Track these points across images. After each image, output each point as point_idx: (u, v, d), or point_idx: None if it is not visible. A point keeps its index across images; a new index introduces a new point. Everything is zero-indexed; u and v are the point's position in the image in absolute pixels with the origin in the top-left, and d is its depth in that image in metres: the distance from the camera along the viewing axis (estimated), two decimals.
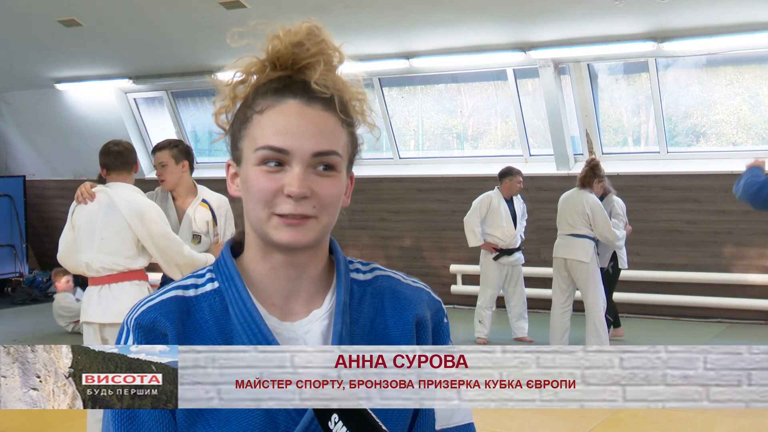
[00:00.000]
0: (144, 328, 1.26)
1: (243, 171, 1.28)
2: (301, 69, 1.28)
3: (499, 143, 10.63)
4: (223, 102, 1.31)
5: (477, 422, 1.41)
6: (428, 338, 1.35)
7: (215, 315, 1.28)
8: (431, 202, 10.44)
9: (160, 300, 1.29)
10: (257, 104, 1.27)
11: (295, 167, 1.24)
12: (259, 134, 1.25)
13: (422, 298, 1.38)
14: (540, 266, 9.93)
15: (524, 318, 8.51)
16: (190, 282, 1.32)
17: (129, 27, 9.56)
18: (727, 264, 9.12)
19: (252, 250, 1.32)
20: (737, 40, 8.44)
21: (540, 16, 8.51)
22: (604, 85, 9.77)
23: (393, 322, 1.34)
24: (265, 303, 1.30)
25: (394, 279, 1.39)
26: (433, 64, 9.81)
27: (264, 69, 1.29)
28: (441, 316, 1.39)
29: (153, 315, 1.27)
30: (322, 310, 1.32)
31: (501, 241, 8.29)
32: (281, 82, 1.27)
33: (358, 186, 4.69)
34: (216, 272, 1.33)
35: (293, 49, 1.27)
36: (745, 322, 9.09)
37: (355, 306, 1.34)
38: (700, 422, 5.92)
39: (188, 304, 1.29)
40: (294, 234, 1.24)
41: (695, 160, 9.06)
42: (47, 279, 12.48)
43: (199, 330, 1.27)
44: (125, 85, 11.47)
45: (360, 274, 1.38)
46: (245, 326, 1.26)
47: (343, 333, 1.28)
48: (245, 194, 1.28)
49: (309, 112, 1.25)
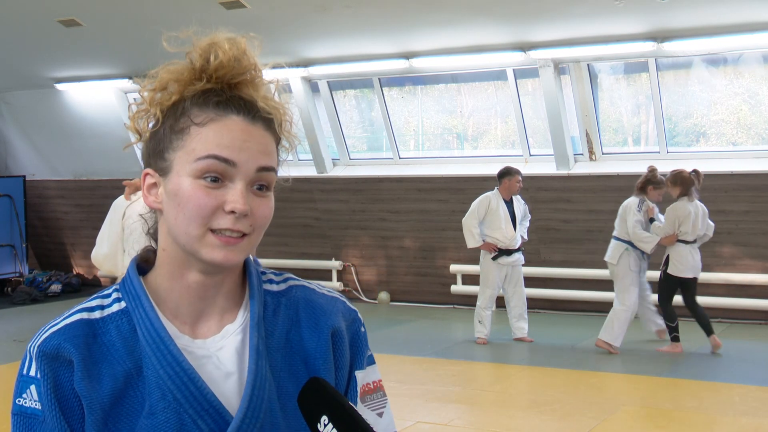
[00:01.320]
0: (48, 355, 1.21)
1: (172, 183, 1.22)
2: (236, 84, 1.24)
3: (499, 143, 10.63)
4: (143, 107, 1.26)
5: (477, 422, 1.41)
6: (345, 349, 1.32)
7: (123, 337, 1.24)
8: (431, 202, 10.44)
9: (64, 324, 1.24)
10: (195, 116, 1.22)
11: (238, 183, 1.20)
12: (199, 146, 1.20)
13: (337, 308, 1.34)
14: (540, 266, 9.94)
15: (524, 318, 8.51)
16: (95, 303, 1.27)
17: (129, 27, 9.56)
18: (727, 264, 9.12)
19: (166, 267, 1.26)
20: (737, 40, 8.44)
21: (540, 16, 8.52)
22: (604, 85, 9.78)
23: (308, 333, 1.31)
24: (175, 321, 1.26)
25: (308, 289, 1.36)
26: (433, 64, 9.81)
27: (195, 78, 1.24)
28: (358, 326, 1.36)
29: (57, 341, 1.22)
30: (235, 325, 1.28)
31: (500, 242, 8.29)
32: (221, 96, 1.23)
33: (357, 186, 4.75)
34: (122, 291, 1.28)
35: (233, 63, 1.23)
36: (745, 322, 9.09)
37: (270, 318, 1.30)
38: (700, 422, 5.92)
39: (94, 326, 1.24)
40: (227, 254, 1.21)
41: (695, 160, 9.06)
42: (47, 279, 12.50)
43: (106, 354, 1.22)
44: (125, 85, 11.47)
45: (273, 284, 1.34)
46: (154, 347, 1.21)
47: (259, 347, 1.25)
48: (173, 208, 1.22)
49: (252, 130, 1.22)
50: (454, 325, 9.67)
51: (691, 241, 7.64)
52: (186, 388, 1.21)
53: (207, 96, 1.23)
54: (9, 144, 13.18)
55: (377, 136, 11.07)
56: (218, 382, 1.24)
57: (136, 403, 1.22)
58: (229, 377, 1.25)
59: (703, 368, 7.36)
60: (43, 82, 11.71)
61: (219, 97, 1.23)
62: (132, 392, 1.22)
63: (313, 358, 1.30)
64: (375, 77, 10.31)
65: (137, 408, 1.22)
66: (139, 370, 1.23)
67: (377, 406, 1.35)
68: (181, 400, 1.20)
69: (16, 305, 11.53)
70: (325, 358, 1.30)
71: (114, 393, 1.21)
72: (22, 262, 12.64)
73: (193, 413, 1.21)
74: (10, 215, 12.55)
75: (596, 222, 9.69)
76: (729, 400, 6.44)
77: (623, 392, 6.71)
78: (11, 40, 10.30)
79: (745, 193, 8.94)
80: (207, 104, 1.23)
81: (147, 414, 1.21)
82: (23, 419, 1.23)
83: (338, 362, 1.32)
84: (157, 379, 1.21)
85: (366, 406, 1.34)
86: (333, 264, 11.04)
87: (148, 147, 1.27)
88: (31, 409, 1.22)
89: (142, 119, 1.27)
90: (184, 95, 1.24)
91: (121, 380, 1.22)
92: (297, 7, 8.62)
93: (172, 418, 1.21)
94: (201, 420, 1.21)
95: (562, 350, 8.19)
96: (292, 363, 1.29)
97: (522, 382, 7.29)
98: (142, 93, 1.27)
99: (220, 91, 1.24)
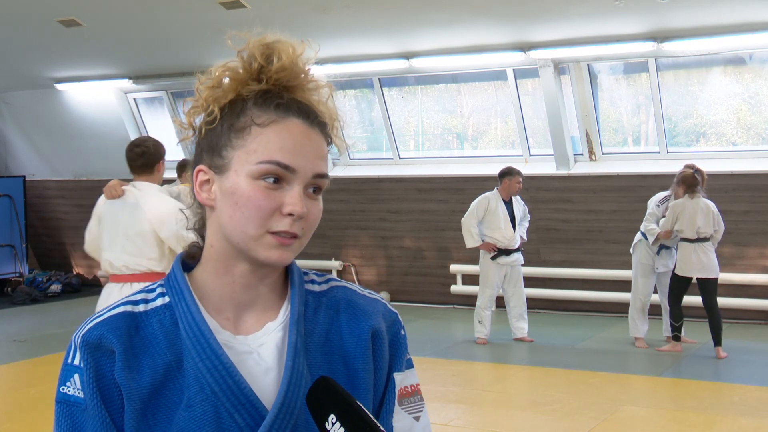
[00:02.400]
0: (90, 345, 1.24)
1: (230, 181, 1.24)
2: (292, 88, 1.27)
3: (499, 143, 10.63)
4: (199, 102, 1.27)
5: (477, 422, 1.41)
6: (384, 350, 1.33)
7: (165, 330, 1.26)
8: (431, 202, 10.44)
9: (108, 316, 1.27)
10: (257, 116, 1.24)
11: (296, 187, 1.23)
12: (262, 147, 1.22)
13: (378, 310, 1.35)
14: (540, 266, 9.94)
15: (524, 318, 8.51)
16: (140, 297, 1.30)
17: (129, 27, 9.56)
18: (727, 264, 9.12)
19: (212, 263, 1.29)
20: (737, 40, 8.44)
21: (540, 16, 8.52)
22: (604, 85, 9.78)
23: (348, 333, 1.32)
24: (218, 317, 1.28)
25: (349, 290, 1.37)
26: (433, 64, 9.81)
27: (256, 79, 1.25)
28: (398, 328, 1.37)
29: (100, 331, 1.25)
30: (276, 322, 1.30)
31: (499, 242, 8.29)
32: (281, 98, 1.25)
33: (357, 186, 4.75)
34: (167, 286, 1.30)
35: (294, 66, 1.26)
36: (745, 322, 9.09)
37: (310, 317, 1.32)
38: (700, 422, 5.92)
39: (137, 319, 1.27)
40: (282, 254, 1.23)
41: (695, 160, 9.06)
42: (47, 279, 12.49)
43: (148, 346, 1.25)
44: (125, 85, 11.48)
45: (315, 285, 1.36)
46: (194, 341, 1.24)
47: (297, 344, 1.26)
48: (229, 206, 1.24)
49: (312, 134, 1.26)
50: (454, 325, 9.67)
51: (693, 239, 7.60)
52: (224, 381, 1.22)
53: (268, 97, 1.25)
54: (9, 144, 13.18)
55: (377, 136, 11.07)
56: (257, 378, 1.25)
57: (174, 395, 1.24)
58: (268, 373, 1.26)
59: (703, 368, 7.36)
60: (43, 82, 11.72)
61: (280, 100, 1.25)
62: (171, 385, 1.24)
63: (353, 358, 1.31)
64: (375, 77, 10.31)
65: (176, 400, 1.24)
66: (180, 363, 1.25)
67: (415, 409, 1.36)
68: (219, 393, 1.22)
69: (16, 305, 11.53)
70: (365, 358, 1.31)
71: (153, 385, 1.24)
72: (22, 262, 12.64)
73: (229, 406, 1.22)
74: (10, 215, 12.55)
75: (596, 222, 9.69)
76: (729, 400, 6.44)
77: (623, 392, 6.70)
78: (11, 40, 10.30)
79: (745, 193, 8.94)
80: (268, 105, 1.24)
81: (185, 406, 1.23)
82: (66, 407, 1.25)
83: (377, 363, 1.33)
84: (196, 371, 1.23)
85: (403, 409, 1.35)
86: (333, 264, 11.05)
87: (203, 143, 1.28)
88: (74, 397, 1.24)
89: (197, 115, 1.28)
90: (241, 94, 1.26)
91: (161, 372, 1.24)
92: (297, 7, 8.62)
93: (209, 411, 1.22)
94: (237, 413, 1.22)
95: (562, 350, 8.19)
96: (331, 362, 1.30)
97: (522, 382, 7.30)
98: (199, 88, 1.27)
99: (279, 93, 1.26)
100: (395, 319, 1.37)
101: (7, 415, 6.21)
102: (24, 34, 10.05)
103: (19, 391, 6.95)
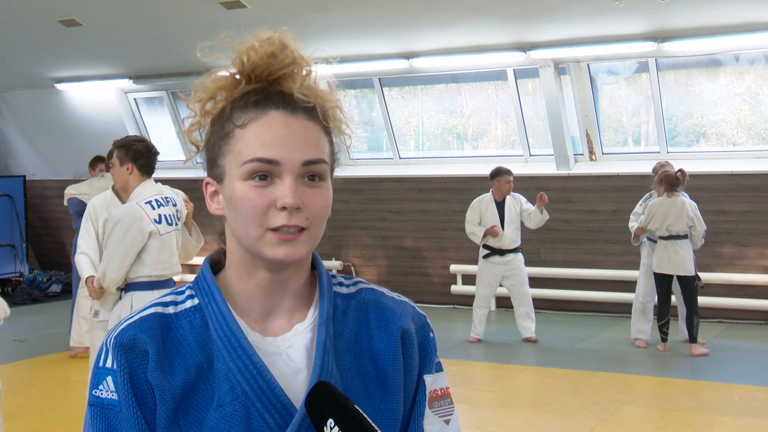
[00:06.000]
0: (124, 346, 1.24)
1: (227, 188, 1.25)
2: (276, 80, 1.26)
3: (499, 143, 10.63)
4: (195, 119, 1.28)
5: (477, 422, 1.42)
6: (414, 352, 1.33)
7: (195, 332, 1.27)
8: (431, 202, 10.44)
9: (139, 317, 1.27)
10: (237, 118, 1.24)
11: (286, 179, 1.22)
12: (244, 148, 1.22)
13: (407, 312, 1.36)
14: (540, 266, 9.93)
15: (531, 318, 8.49)
16: (169, 299, 1.30)
17: (129, 27, 9.56)
18: (727, 264, 9.12)
19: (234, 269, 1.29)
20: (737, 40, 8.44)
21: (540, 16, 8.52)
22: (604, 85, 9.77)
23: (378, 334, 1.32)
24: (246, 319, 1.28)
25: (378, 292, 1.37)
26: (433, 64, 9.81)
27: (238, 82, 1.26)
28: (427, 331, 1.37)
29: (133, 332, 1.25)
30: (305, 324, 1.30)
31: (491, 242, 8.33)
32: (260, 94, 1.24)
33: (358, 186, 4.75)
34: (196, 289, 1.31)
35: (268, 60, 1.24)
36: (745, 322, 9.09)
37: (339, 318, 1.32)
38: (700, 422, 5.92)
39: (168, 321, 1.27)
40: (287, 250, 1.22)
41: (695, 160, 9.07)
42: (47, 279, 12.49)
43: (179, 347, 1.25)
44: (125, 85, 11.48)
45: (343, 287, 1.36)
46: (225, 341, 1.24)
47: (327, 344, 1.26)
48: (231, 212, 1.25)
49: (293, 123, 1.24)
50: (454, 325, 9.66)
51: (665, 236, 7.60)
52: (254, 381, 1.22)
53: (247, 96, 1.25)
54: (9, 144, 13.18)
55: (377, 136, 11.07)
56: (288, 378, 1.25)
57: (206, 395, 1.24)
58: (298, 373, 1.26)
59: (703, 368, 7.36)
60: (43, 82, 11.72)
61: (258, 96, 1.25)
62: (202, 385, 1.24)
63: (383, 359, 1.31)
64: (375, 77, 10.31)
65: (207, 400, 1.24)
66: (210, 364, 1.25)
67: (445, 413, 1.36)
68: (249, 392, 1.22)
69: (16, 305, 11.51)
70: (395, 359, 1.31)
71: (186, 385, 1.24)
72: (22, 262, 12.64)
73: (260, 406, 1.23)
74: (10, 215, 12.55)
75: (596, 222, 9.69)
76: (729, 400, 6.44)
77: (623, 392, 6.70)
78: (11, 40, 10.30)
79: (745, 193, 8.94)
80: (247, 105, 1.25)
81: (216, 406, 1.23)
82: (100, 410, 1.25)
83: (407, 364, 1.33)
84: (227, 371, 1.23)
85: (434, 412, 1.35)
86: (333, 264, 11.04)
87: (204, 157, 1.30)
88: (108, 400, 1.24)
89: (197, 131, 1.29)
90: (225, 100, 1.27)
91: (193, 373, 1.24)
92: (297, 7, 8.62)
93: (240, 411, 1.23)
94: (267, 413, 1.23)
95: (563, 350, 8.19)
96: (360, 363, 1.30)
97: (522, 382, 7.30)
98: (191, 106, 1.28)
99: (259, 89, 1.25)
100: (424, 321, 1.38)
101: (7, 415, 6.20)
102: (24, 34, 10.05)
103: (20, 391, 6.95)
